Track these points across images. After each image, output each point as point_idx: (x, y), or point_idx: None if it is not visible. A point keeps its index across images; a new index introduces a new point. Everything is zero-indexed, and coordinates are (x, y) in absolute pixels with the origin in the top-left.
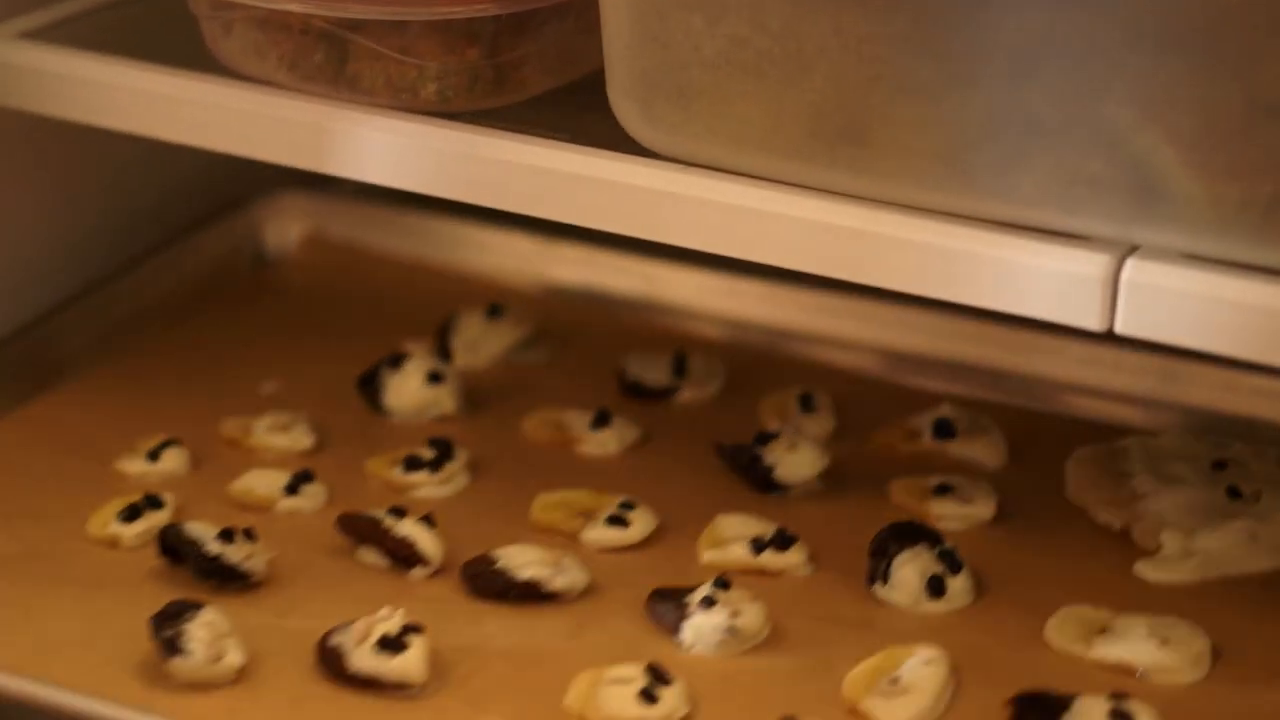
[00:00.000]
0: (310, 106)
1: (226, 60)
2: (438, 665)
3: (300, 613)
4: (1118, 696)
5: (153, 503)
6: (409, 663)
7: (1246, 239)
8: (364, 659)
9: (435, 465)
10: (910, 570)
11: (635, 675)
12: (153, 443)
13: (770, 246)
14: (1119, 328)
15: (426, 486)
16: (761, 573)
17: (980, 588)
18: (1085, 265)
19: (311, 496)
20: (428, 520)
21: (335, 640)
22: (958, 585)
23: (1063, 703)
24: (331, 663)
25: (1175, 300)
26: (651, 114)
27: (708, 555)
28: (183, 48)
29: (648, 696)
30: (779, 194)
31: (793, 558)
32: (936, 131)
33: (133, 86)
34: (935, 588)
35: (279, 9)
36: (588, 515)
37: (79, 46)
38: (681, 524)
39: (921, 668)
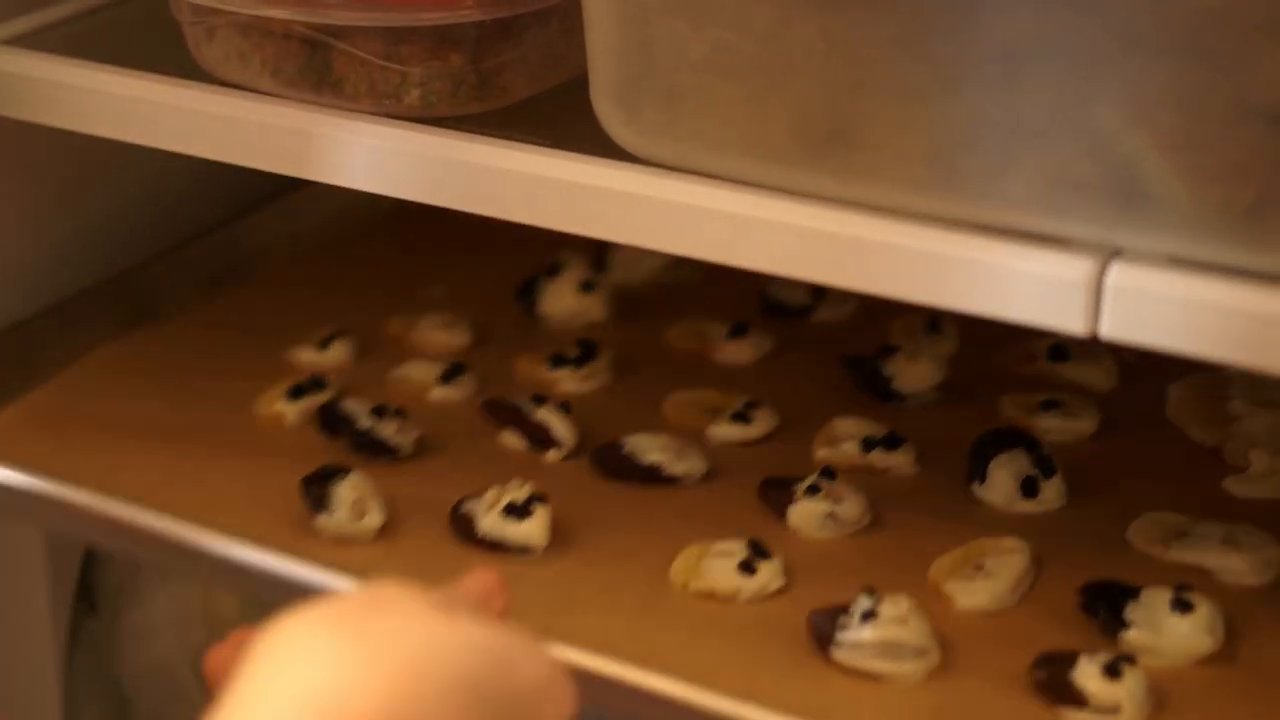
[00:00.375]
0: (293, 112)
1: (209, 66)
2: (559, 533)
3: (440, 484)
4: (1181, 588)
5: (316, 384)
6: (532, 528)
7: (1231, 242)
8: (491, 523)
9: (579, 362)
10: (1006, 471)
11: (737, 550)
12: (323, 334)
13: (755, 251)
14: (1103, 332)
15: (569, 381)
16: (869, 470)
17: (1073, 493)
18: (1068, 269)
19: (463, 386)
20: (564, 408)
21: (466, 507)
22: (1050, 488)
23: (1131, 592)
24: (462, 526)
25: (1159, 304)
26: (635, 118)
27: (821, 452)
28: (166, 54)
29: (746, 568)
30: (763, 199)
31: (899, 457)
32: (922, 135)
33: (115, 93)
34: (1029, 488)
35: (261, 15)
36: (715, 412)
37: (61, 52)
38: (801, 425)
39: (1003, 556)
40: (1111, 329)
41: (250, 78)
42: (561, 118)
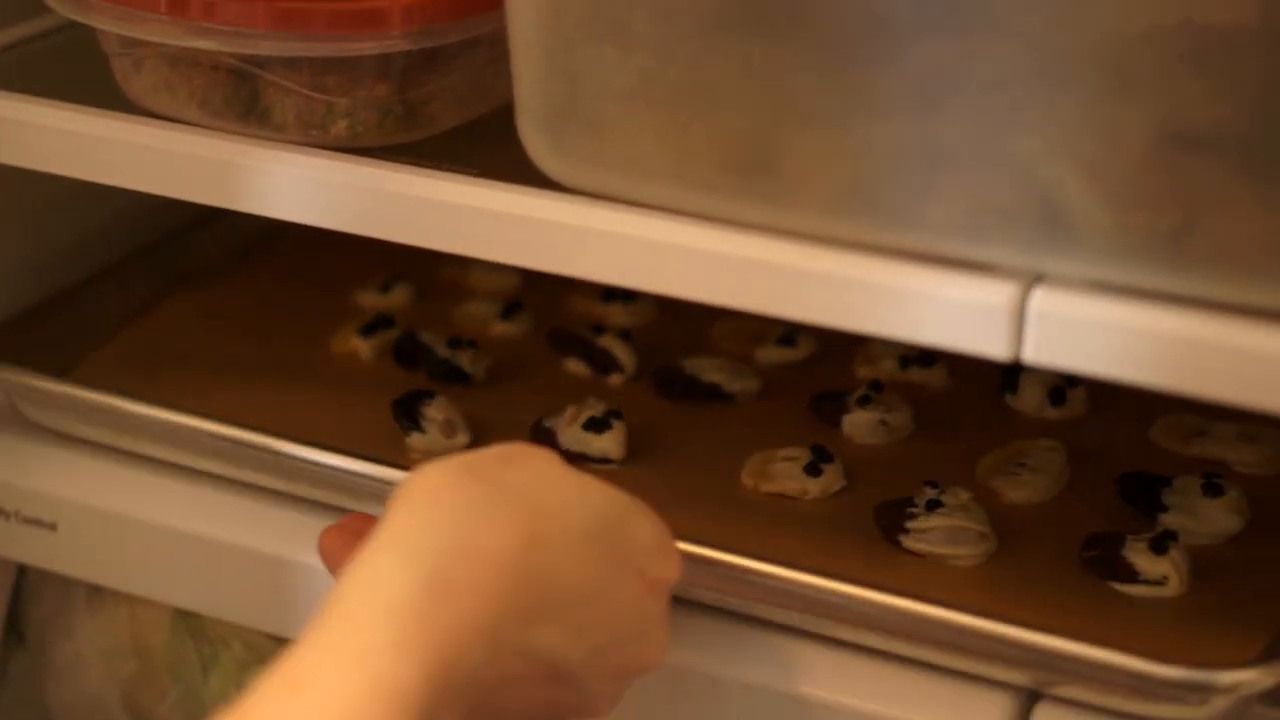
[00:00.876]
0: (221, 143)
1: (137, 97)
2: (632, 446)
3: (515, 406)
4: (1211, 474)
5: (386, 321)
6: (609, 441)
7: (1153, 267)
8: (572, 437)
9: (627, 297)
10: (1035, 382)
11: (801, 454)
12: (383, 278)
13: (680, 280)
14: (1026, 357)
15: (620, 315)
16: (907, 384)
17: (1096, 402)
18: (991, 295)
19: (522, 321)
20: (625, 335)
21: (548, 423)
22: (1076, 396)
23: (1164, 480)
24: (544, 440)
25: (1081, 329)
26: (561, 147)
27: (862, 370)
28: (93, 86)
29: (812, 470)
30: (688, 227)
31: (934, 373)
32: (845, 162)
33: (42, 124)
34: (1056, 397)
35: (189, 46)
36: (758, 339)
37: None
38: (840, 347)
39: (1044, 454)
40: (1034, 354)
41: (178, 109)
42: (489, 147)
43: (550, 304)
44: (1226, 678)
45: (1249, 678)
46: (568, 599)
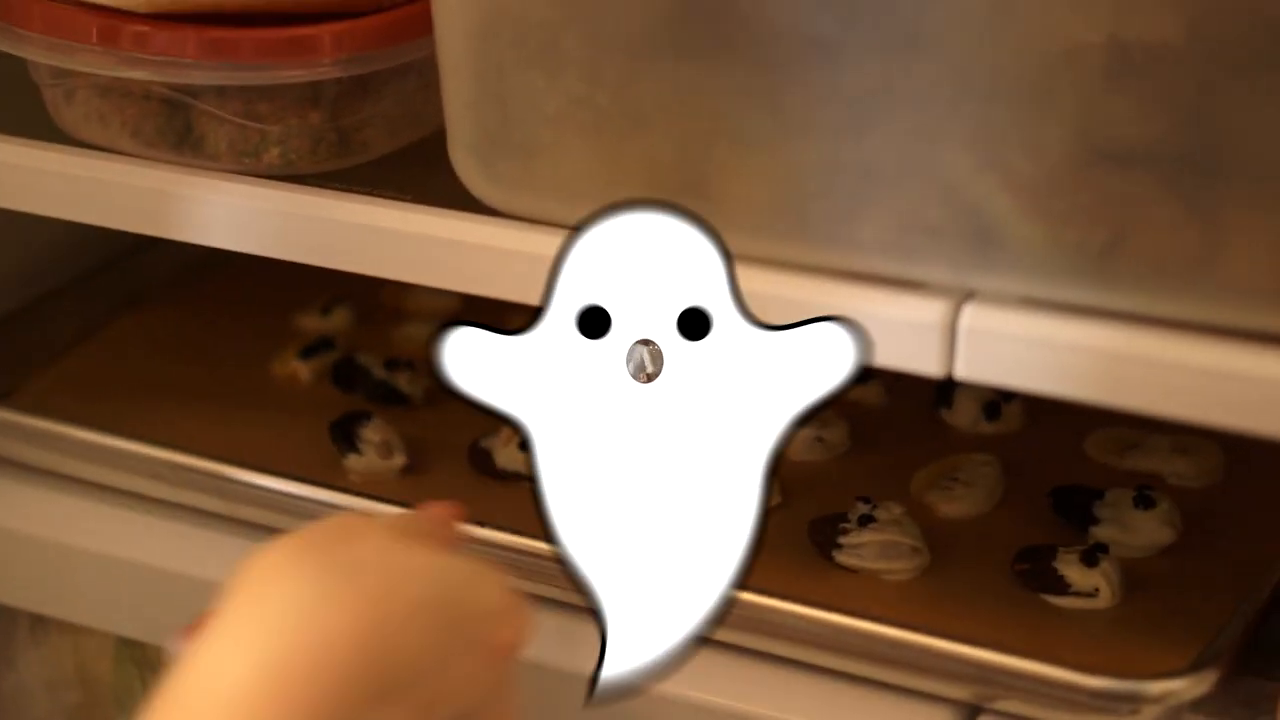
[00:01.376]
0: (154, 173)
1: (69, 128)
2: None
3: (453, 427)
4: (1143, 487)
5: (326, 344)
6: None
7: (1082, 282)
8: (509, 457)
9: None
10: (969, 396)
11: None
12: (324, 301)
13: None
14: (958, 373)
15: None
16: (843, 400)
17: (1031, 415)
18: (923, 313)
19: None
20: None
21: (484, 443)
22: (1011, 410)
23: (1096, 493)
24: (481, 461)
25: (1013, 345)
26: (493, 172)
27: None
28: (24, 116)
29: None
30: None
31: (869, 390)
32: (775, 182)
33: None
34: (991, 411)
35: (121, 76)
36: None
37: None
38: None
39: (977, 468)
40: (967, 370)
41: (110, 139)
42: (422, 173)
43: (491, 325)
44: (1156, 687)
45: (1178, 687)
46: (410, 675)
